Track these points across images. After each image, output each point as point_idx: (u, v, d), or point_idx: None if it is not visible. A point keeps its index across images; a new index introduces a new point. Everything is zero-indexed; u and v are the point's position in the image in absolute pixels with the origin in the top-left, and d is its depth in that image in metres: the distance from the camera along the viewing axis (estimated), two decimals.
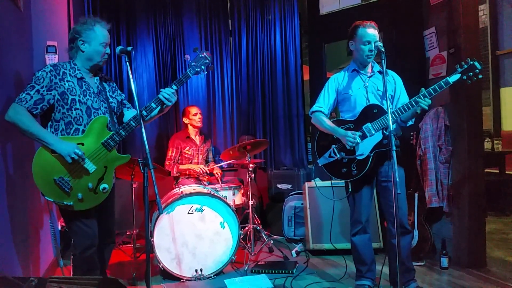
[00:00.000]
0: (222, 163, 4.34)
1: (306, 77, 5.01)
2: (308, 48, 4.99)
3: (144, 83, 4.70)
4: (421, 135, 3.54)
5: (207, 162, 4.36)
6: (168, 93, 2.38)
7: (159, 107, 2.41)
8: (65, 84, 2.28)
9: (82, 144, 2.26)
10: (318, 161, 2.81)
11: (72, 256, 2.44)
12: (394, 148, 2.24)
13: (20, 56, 2.82)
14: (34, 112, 2.21)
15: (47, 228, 3.29)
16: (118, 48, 2.34)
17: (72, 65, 2.35)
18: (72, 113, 2.28)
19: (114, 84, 2.61)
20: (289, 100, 4.94)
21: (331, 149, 2.73)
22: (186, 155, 4.19)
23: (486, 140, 5.42)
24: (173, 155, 4.15)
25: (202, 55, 2.48)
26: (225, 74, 4.98)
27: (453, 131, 3.40)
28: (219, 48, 4.95)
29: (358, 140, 2.60)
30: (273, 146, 4.97)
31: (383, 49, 2.49)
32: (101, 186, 2.30)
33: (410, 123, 2.70)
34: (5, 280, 1.80)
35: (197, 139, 4.28)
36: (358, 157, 2.63)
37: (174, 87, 2.42)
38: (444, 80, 2.41)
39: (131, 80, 2.23)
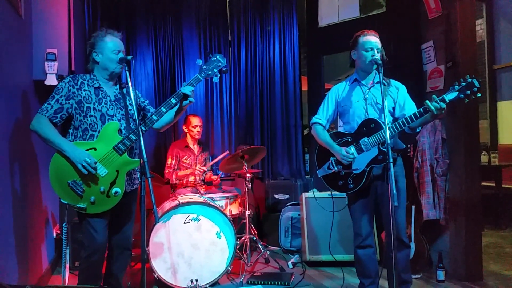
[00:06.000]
0: (215, 166, 4.32)
1: (304, 87, 5.04)
2: (307, 59, 5.02)
3: (142, 91, 4.71)
4: (418, 147, 3.55)
5: (203, 172, 4.36)
6: (190, 90, 2.43)
7: (178, 104, 2.45)
8: (82, 93, 2.38)
9: (95, 149, 2.34)
10: (317, 172, 2.79)
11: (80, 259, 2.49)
12: (391, 160, 2.23)
13: (20, 63, 2.84)
14: (54, 121, 2.33)
15: (44, 235, 3.27)
16: (118, 57, 2.42)
17: (91, 76, 2.47)
18: (87, 120, 2.37)
19: (138, 92, 2.69)
20: (287, 111, 4.94)
21: (330, 161, 2.71)
22: (184, 164, 4.18)
23: (482, 154, 5.44)
24: (173, 163, 4.15)
25: (215, 58, 2.50)
26: (223, 83, 4.99)
27: (450, 144, 3.42)
28: None
29: (356, 154, 2.58)
30: (271, 156, 4.96)
31: (380, 62, 2.51)
32: (113, 190, 2.36)
33: (418, 130, 2.61)
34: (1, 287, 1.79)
35: (195, 148, 4.28)
36: (354, 172, 2.62)
37: (191, 87, 2.45)
38: (440, 97, 2.31)
39: (130, 88, 2.30)
